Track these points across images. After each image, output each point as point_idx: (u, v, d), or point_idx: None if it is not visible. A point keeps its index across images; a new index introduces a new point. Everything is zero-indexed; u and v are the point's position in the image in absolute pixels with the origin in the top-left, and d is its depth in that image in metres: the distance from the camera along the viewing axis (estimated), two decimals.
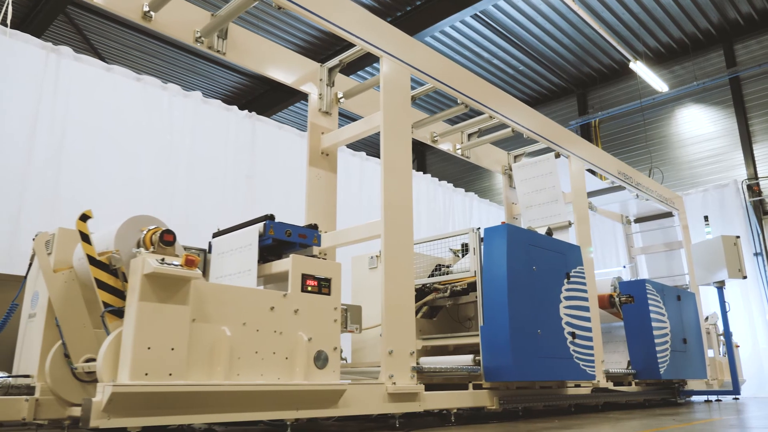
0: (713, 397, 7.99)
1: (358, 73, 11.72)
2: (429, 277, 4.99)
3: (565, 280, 4.79)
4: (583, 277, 5.01)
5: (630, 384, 6.03)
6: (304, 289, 3.16)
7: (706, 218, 7.25)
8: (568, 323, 4.67)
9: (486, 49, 11.89)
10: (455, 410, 3.92)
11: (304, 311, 3.10)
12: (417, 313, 5.00)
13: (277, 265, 3.24)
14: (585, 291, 4.98)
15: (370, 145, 15.71)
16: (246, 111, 7.22)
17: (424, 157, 16.09)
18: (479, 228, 4.54)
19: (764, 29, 11.07)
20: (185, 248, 3.66)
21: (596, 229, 11.01)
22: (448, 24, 10.12)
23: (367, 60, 9.46)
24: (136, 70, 6.78)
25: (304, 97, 12.66)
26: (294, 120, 14.33)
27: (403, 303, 3.73)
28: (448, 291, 4.74)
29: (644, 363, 5.96)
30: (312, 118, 4.57)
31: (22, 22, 10.06)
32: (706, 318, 8.24)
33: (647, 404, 6.27)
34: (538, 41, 11.73)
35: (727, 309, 6.42)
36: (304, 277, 3.18)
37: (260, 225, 3.27)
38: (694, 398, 7.98)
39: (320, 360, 3.13)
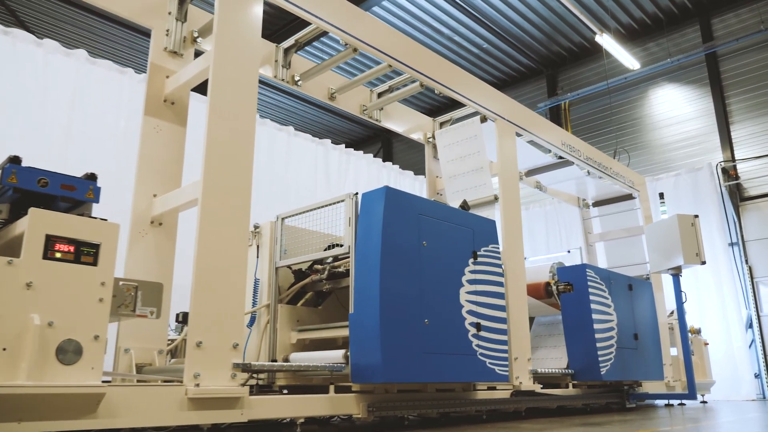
0: (676, 401, 7.13)
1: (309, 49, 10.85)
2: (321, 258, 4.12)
3: (471, 260, 3.93)
4: (498, 258, 4.15)
5: (567, 386, 5.18)
6: (48, 256, 2.30)
7: (661, 195, 6.39)
8: (471, 312, 3.82)
9: (445, 24, 11.02)
10: (302, 420, 3.07)
11: (45, 286, 2.25)
12: (298, 300, 4.17)
13: (20, 225, 2.38)
14: (499, 274, 4.13)
15: (299, 120, 14.85)
16: (144, 74, 6.35)
17: (390, 145, 15.23)
18: (357, 193, 3.69)
19: (742, 1, 10.23)
20: None
21: (564, 213, 10.20)
22: None
23: None
24: (92, 54, 5.99)
25: None
26: None
27: (223, 283, 2.87)
28: (326, 272, 3.89)
29: (583, 362, 5.11)
30: (154, 58, 3.71)
31: None
32: (671, 312, 7.40)
33: (588, 409, 5.42)
34: (503, 17, 10.88)
35: (684, 300, 5.57)
36: (51, 240, 2.33)
37: None
38: (658, 402, 7.14)
39: (67, 353, 2.27)
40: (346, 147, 8.47)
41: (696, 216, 5.42)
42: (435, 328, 3.54)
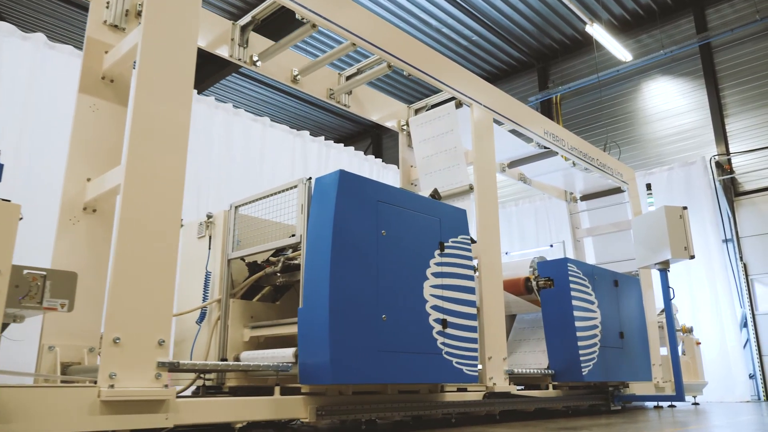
0: (666, 403, 6.85)
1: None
2: (279, 249, 3.83)
3: (437, 252, 3.65)
4: (468, 250, 3.87)
5: (547, 387, 4.89)
6: None
7: (648, 186, 6.10)
8: (436, 307, 3.53)
9: (434, 15, 10.72)
10: (240, 424, 2.79)
11: None
12: (254, 294, 3.89)
13: None
14: (469, 267, 3.84)
15: (289, 116, 14.55)
16: None
17: (380, 141, 14.94)
18: (310, 178, 3.40)
19: None
20: None
21: (554, 209, 9.92)
22: None
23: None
24: (52, 39, 5.67)
25: (236, 68, 11.57)
26: (227, 94, 13.19)
27: (147, 275, 2.58)
28: (280, 264, 3.61)
29: (564, 361, 4.82)
30: (92, 32, 3.42)
31: None
32: (662, 310, 7.11)
33: (570, 412, 5.13)
34: (493, 8, 10.58)
35: (672, 296, 5.28)
36: None
37: None
38: (648, 404, 6.86)
39: None
40: (335, 143, 8.19)
41: (684, 208, 5.14)
42: (394, 324, 3.25)
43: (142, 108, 2.74)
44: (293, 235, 3.60)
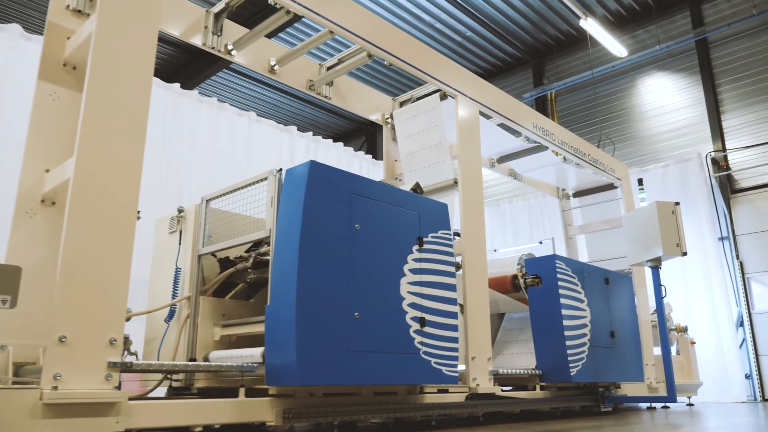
0: (659, 405, 6.70)
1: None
2: (253, 245, 3.68)
3: (415, 247, 3.50)
4: (449, 246, 3.71)
5: (535, 388, 4.74)
6: None
7: (640, 182, 5.95)
8: (414, 305, 3.38)
9: (426, 10, 10.57)
10: (199, 428, 2.64)
11: None
12: (227, 292, 3.74)
13: None
14: (450, 264, 3.68)
15: (283, 113, 14.40)
16: None
17: (374, 139, 14.79)
18: (281, 170, 3.26)
19: None
20: None
21: (548, 207, 9.78)
22: None
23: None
24: (28, 30, 5.50)
25: (226, 64, 11.42)
26: (218, 90, 13.04)
27: (98, 270, 2.43)
28: (251, 260, 3.46)
29: (552, 361, 4.67)
30: (54, 17, 3.26)
31: None
32: (655, 310, 6.95)
33: (558, 414, 4.98)
34: (487, 3, 10.43)
35: (664, 294, 5.13)
36: None
37: None
38: (642, 405, 6.71)
39: None
40: (327, 140, 8.04)
41: (677, 203, 4.99)
42: (368, 322, 3.10)
43: (96, 94, 2.60)
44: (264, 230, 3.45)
